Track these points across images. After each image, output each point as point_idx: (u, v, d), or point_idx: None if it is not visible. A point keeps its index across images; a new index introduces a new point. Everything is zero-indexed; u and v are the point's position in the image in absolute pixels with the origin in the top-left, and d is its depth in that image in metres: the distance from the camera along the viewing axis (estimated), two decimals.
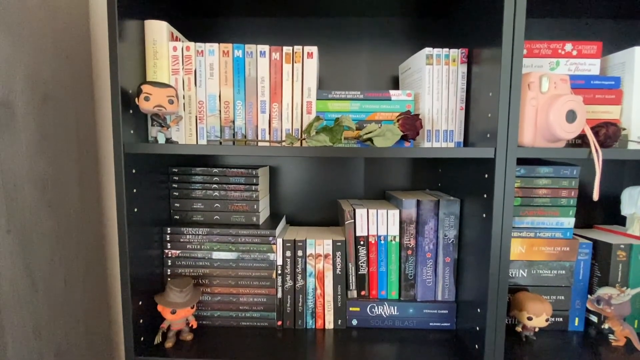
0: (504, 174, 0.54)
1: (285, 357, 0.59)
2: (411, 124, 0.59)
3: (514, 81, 0.53)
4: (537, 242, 0.66)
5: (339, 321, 0.68)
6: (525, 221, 0.66)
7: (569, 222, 0.66)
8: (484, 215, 0.58)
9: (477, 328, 0.60)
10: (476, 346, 0.59)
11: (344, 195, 0.84)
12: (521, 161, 0.65)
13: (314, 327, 0.68)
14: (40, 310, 0.64)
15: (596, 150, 0.54)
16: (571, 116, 0.53)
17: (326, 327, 0.68)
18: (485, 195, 0.57)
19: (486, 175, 0.57)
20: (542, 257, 0.67)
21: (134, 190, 0.58)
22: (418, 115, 0.60)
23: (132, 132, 0.57)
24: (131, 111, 0.57)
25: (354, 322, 0.68)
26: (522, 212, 0.66)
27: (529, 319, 0.62)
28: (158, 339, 0.60)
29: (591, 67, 0.64)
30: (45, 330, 0.65)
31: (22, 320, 0.60)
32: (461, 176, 0.68)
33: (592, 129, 0.58)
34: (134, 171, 0.58)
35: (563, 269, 0.67)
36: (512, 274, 0.67)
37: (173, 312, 0.59)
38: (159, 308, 0.60)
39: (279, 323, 0.68)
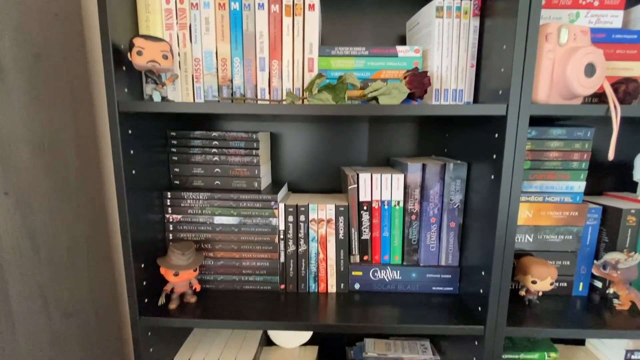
0: (515, 133, 0.52)
1: (288, 318, 0.60)
2: (419, 81, 0.56)
3: (531, 32, 0.49)
4: (545, 206, 0.65)
5: (342, 285, 0.68)
6: (534, 185, 0.64)
7: (580, 186, 0.64)
8: (492, 177, 0.56)
9: (481, 291, 0.59)
10: (479, 308, 0.59)
11: (347, 163, 0.82)
12: (532, 122, 0.62)
13: (316, 290, 0.69)
14: (44, 272, 0.64)
15: (615, 107, 0.51)
16: (590, 70, 0.50)
17: (329, 290, 0.69)
18: (494, 156, 0.55)
19: (496, 135, 0.54)
20: (550, 222, 0.65)
21: (131, 152, 0.56)
22: (426, 72, 0.57)
23: (126, 90, 0.55)
24: (124, 68, 0.54)
25: (357, 286, 0.69)
26: (531, 175, 0.64)
27: (533, 282, 0.61)
28: (162, 301, 0.61)
29: (613, 19, 0.59)
30: (50, 292, 0.66)
31: (26, 282, 0.61)
32: (469, 139, 0.65)
33: (611, 85, 0.54)
34: (130, 132, 0.56)
35: (570, 234, 0.66)
36: (517, 239, 0.66)
37: (176, 275, 0.60)
38: (162, 270, 0.60)
39: (282, 286, 0.68)
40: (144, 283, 0.60)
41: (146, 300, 0.61)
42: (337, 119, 0.74)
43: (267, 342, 0.86)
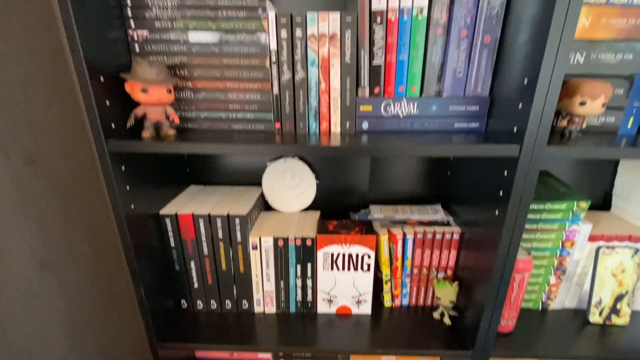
0: None
1: (283, 150, 0.50)
2: None
3: None
4: (608, 11, 0.51)
5: (347, 124, 0.58)
6: None
7: None
8: None
9: (515, 129, 0.49)
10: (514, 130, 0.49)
11: None
12: None
13: (317, 131, 0.58)
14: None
15: None
16: None
17: (332, 130, 0.58)
18: None
19: None
20: (609, 34, 0.52)
21: None
22: None
23: None
24: None
25: (365, 125, 0.58)
26: None
27: (582, 104, 0.50)
28: (131, 122, 0.51)
29: None
30: (8, 137, 0.56)
31: None
32: None
33: None
34: None
35: (631, 53, 0.53)
36: None
37: (144, 91, 0.48)
38: (128, 86, 0.49)
39: (277, 125, 0.58)
40: (107, 103, 0.49)
41: (113, 125, 0.50)
42: None
43: (266, 207, 0.79)
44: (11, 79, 0.58)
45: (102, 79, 0.48)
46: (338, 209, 0.82)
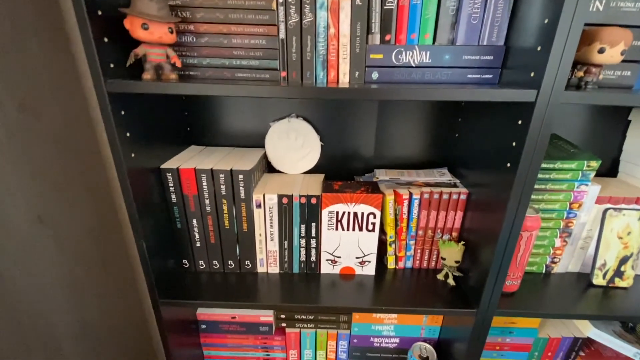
0: None
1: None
2: None
3: None
4: None
5: (356, 73, 0.56)
6: None
7: None
8: None
9: (532, 74, 0.47)
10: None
11: None
12: None
13: (325, 80, 0.56)
14: None
15: None
16: None
17: (340, 80, 0.56)
18: None
19: None
20: None
21: None
22: None
23: None
24: None
25: (374, 75, 0.56)
26: None
27: (600, 51, 0.49)
28: (130, 61, 0.48)
29: None
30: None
31: None
32: None
33: None
34: None
35: None
36: None
37: (145, 28, 0.46)
38: (127, 22, 0.46)
39: (283, 74, 0.56)
40: (106, 39, 0.46)
41: (111, 65, 0.48)
42: None
43: (270, 170, 0.78)
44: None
45: (100, 12, 0.45)
46: (342, 174, 0.80)
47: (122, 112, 0.50)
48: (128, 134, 0.52)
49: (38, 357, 0.63)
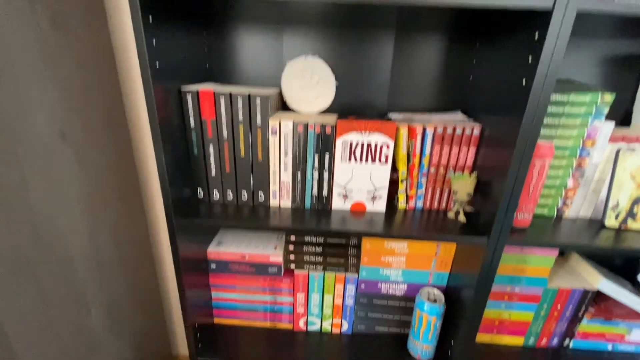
0: None
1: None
2: None
3: None
4: None
5: None
6: None
7: None
8: None
9: None
10: None
11: None
12: None
13: None
14: None
15: None
16: None
17: None
18: None
19: None
20: None
21: None
22: None
23: None
24: None
25: None
26: None
27: None
28: None
29: None
30: None
31: None
32: None
33: None
34: None
35: None
36: None
37: None
38: None
39: None
40: None
41: None
42: None
43: (283, 107, 0.79)
44: None
45: None
46: (354, 111, 0.82)
47: (150, 19, 0.52)
48: (154, 42, 0.54)
49: (54, 272, 0.65)
